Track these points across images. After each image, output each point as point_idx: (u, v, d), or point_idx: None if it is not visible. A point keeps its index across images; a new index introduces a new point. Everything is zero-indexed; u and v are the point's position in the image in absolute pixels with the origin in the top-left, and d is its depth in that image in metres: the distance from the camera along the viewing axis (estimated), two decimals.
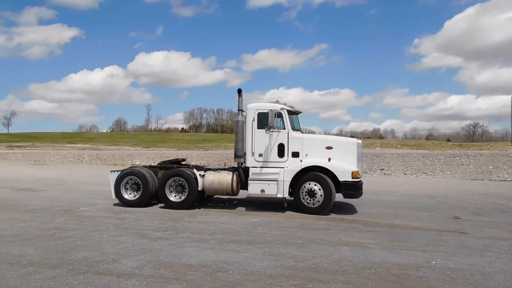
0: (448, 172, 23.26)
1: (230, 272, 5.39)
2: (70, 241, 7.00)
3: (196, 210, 10.49)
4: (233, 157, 11.39)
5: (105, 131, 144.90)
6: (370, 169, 24.91)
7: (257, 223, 8.86)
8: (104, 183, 15.40)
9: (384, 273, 5.48)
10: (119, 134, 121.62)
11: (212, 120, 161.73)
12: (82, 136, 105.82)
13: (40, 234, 7.48)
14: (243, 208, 10.92)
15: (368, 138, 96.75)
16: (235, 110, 11.53)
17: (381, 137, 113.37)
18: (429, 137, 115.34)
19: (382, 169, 24.92)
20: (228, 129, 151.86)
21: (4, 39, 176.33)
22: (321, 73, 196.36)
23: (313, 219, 9.41)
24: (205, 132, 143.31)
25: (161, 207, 10.76)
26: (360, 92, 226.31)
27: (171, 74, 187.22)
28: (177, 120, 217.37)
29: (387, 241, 7.29)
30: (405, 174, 23.55)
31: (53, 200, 12.05)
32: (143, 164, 25.66)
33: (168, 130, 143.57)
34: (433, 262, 5.99)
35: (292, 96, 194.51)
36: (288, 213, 10.18)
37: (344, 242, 7.16)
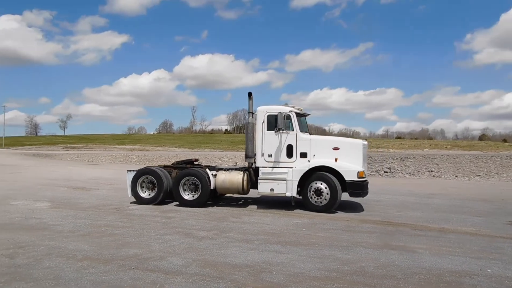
0: (505, 175, 21.91)
1: (274, 273, 5.39)
2: (120, 238, 7.31)
3: (240, 210, 10.59)
4: (244, 157, 11.79)
5: (152, 132, 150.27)
6: (418, 171, 24.00)
7: (301, 224, 8.81)
8: None
9: (434, 279, 5.25)
10: (166, 135, 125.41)
11: None
12: (131, 138, 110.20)
13: (93, 231, 7.87)
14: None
15: (415, 139, 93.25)
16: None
17: (430, 138, 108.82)
18: (483, 137, 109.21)
19: (431, 171, 23.91)
20: None
21: (61, 47, 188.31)
22: (366, 72, 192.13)
23: (358, 221, 9.21)
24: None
25: (206, 208, 10.97)
26: (408, 91, 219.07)
27: (215, 76, 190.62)
28: (221, 122, 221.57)
29: (438, 247, 6.98)
30: (456, 176, 22.46)
31: (105, 199, 12.65)
32: None
33: (212, 132, 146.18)
34: (489, 270, 5.66)
35: (336, 96, 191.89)
36: (332, 215, 10.03)
37: (391, 246, 6.95)
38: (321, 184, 10.37)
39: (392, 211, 10.87)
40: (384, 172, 24.98)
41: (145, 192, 11.76)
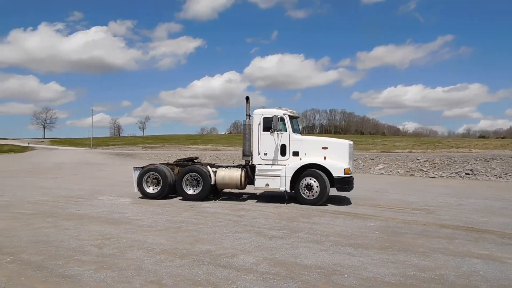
0: None
1: (345, 275, 5.27)
2: (194, 234, 7.63)
3: (311, 211, 10.51)
4: (241, 155, 12.76)
5: (223, 133, 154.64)
6: (506, 174, 21.92)
7: (373, 227, 8.50)
8: None
9: None
10: (236, 135, 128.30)
11: (325, 121, 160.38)
12: (203, 138, 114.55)
13: (170, 226, 8.31)
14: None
15: (502, 138, 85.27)
16: (349, 110, 11.87)
17: None
18: None
19: None
20: (341, 129, 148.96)
21: (141, 54, 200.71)
22: (445, 67, 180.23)
23: (436, 226, 8.66)
24: (317, 133, 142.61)
25: (276, 208, 11.05)
26: (493, 86, 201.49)
27: (284, 77, 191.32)
28: None
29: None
30: None
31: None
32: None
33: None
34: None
35: (412, 93, 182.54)
36: (406, 218, 9.55)
37: (474, 254, 6.43)
38: (312, 180, 11.35)
39: (475, 216, 10.06)
40: (466, 174, 23.20)
41: (150, 187, 12.59)
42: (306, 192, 11.43)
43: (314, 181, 11.32)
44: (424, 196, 14.21)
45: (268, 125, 11.85)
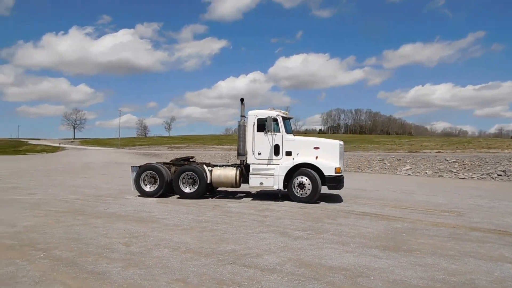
0: None
1: (371, 278, 5.19)
2: (219, 233, 7.69)
3: (336, 212, 10.40)
4: (236, 155, 13.25)
5: None
6: None
7: (400, 229, 8.33)
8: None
9: None
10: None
11: (350, 121, 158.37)
12: (228, 138, 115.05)
13: (195, 226, 8.41)
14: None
15: None
16: (375, 109, 11.66)
17: None
18: None
19: None
20: (367, 129, 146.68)
21: (167, 55, 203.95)
22: (476, 65, 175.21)
23: (466, 229, 8.42)
24: (343, 133, 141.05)
25: (301, 208, 11.00)
26: None
27: (309, 76, 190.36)
28: (315, 122, 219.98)
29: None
30: None
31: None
32: None
33: (306, 132, 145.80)
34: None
35: (440, 92, 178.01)
36: (435, 220, 9.32)
37: (508, 259, 6.21)
38: (304, 178, 11.77)
39: (509, 219, 9.71)
40: (498, 175, 22.41)
41: (147, 186, 12.93)
42: (299, 191, 11.86)
43: (306, 180, 11.74)
44: (453, 198, 13.83)
45: (262, 126, 12.29)
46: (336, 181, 11.71)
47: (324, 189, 11.97)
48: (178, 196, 12.69)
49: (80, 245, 6.66)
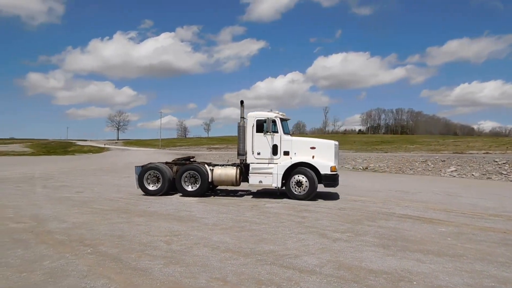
0: None
1: (414, 283, 5.03)
2: (258, 233, 7.73)
3: (376, 214, 10.17)
4: (236, 155, 13.75)
5: None
6: None
7: (445, 232, 8.01)
8: None
9: None
10: (299, 136, 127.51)
11: (391, 120, 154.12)
12: None
13: (234, 225, 8.49)
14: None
15: None
16: (417, 109, 11.24)
17: None
18: None
19: None
20: (409, 129, 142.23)
21: (206, 57, 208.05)
22: None
23: None
24: (383, 133, 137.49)
25: (340, 210, 10.84)
26: None
27: (349, 75, 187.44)
28: (354, 122, 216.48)
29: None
30: None
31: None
32: None
33: (345, 132, 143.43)
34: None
35: (489, 90, 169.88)
36: (483, 225, 8.88)
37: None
38: (301, 177, 12.29)
39: None
40: None
41: (151, 185, 13.33)
42: (297, 188, 12.41)
43: (304, 178, 12.29)
44: (503, 201, 13.14)
45: (261, 127, 12.85)
46: (332, 179, 12.29)
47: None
48: (181, 194, 13.15)
49: (123, 242, 6.92)
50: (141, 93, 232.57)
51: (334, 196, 13.44)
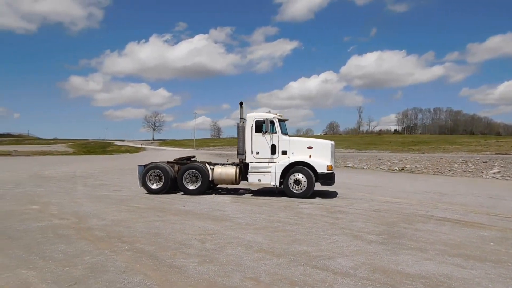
0: None
1: None
2: (291, 234, 7.69)
3: (413, 216, 9.87)
4: (236, 154, 14.13)
5: (319, 134, 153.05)
6: None
7: (487, 237, 7.66)
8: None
9: None
10: (332, 137, 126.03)
11: (428, 120, 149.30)
12: None
13: (267, 225, 8.50)
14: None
15: None
16: (456, 108, 10.87)
17: None
18: None
19: None
20: (447, 129, 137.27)
21: (239, 58, 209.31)
22: None
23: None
24: (420, 133, 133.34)
25: (375, 212, 10.62)
26: None
27: (384, 74, 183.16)
28: (389, 122, 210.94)
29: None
30: None
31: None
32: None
33: (380, 132, 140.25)
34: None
35: None
36: None
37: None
38: (300, 175, 12.70)
39: None
40: None
41: (153, 184, 13.70)
42: (295, 186, 12.82)
43: (302, 177, 12.69)
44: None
45: (260, 127, 13.29)
46: (328, 178, 12.72)
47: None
48: (183, 193, 13.48)
49: (159, 239, 7.08)
50: (175, 94, 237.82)
51: (368, 198, 13.19)
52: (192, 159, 15.04)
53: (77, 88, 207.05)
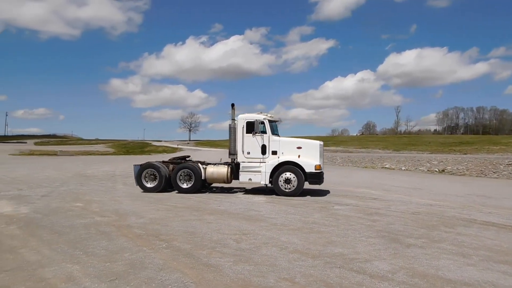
0: None
1: None
2: (326, 236, 7.62)
3: (454, 220, 9.50)
4: (228, 154, 14.40)
5: (355, 134, 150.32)
6: None
7: None
8: (357, 185, 16.04)
9: None
10: (369, 137, 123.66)
11: (470, 120, 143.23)
12: (334, 139, 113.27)
13: (302, 226, 8.46)
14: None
15: None
16: (501, 107, 10.26)
17: None
18: None
19: None
20: (492, 129, 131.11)
21: (274, 58, 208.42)
22: None
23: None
24: (462, 133, 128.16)
25: (414, 214, 10.31)
26: None
27: (424, 72, 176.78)
28: (428, 122, 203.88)
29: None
30: None
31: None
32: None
33: (418, 133, 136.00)
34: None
35: None
36: None
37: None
38: (290, 174, 13.07)
39: None
40: None
41: (148, 182, 14.15)
42: (285, 185, 13.15)
43: (292, 176, 13.04)
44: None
45: (251, 128, 13.61)
46: (316, 177, 13.12)
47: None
48: (177, 191, 13.86)
49: (196, 238, 7.21)
50: (211, 95, 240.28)
51: (407, 200, 12.83)
52: (187, 158, 15.39)
53: (117, 90, 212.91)
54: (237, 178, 13.92)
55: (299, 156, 13.29)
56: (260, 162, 13.55)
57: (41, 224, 8.41)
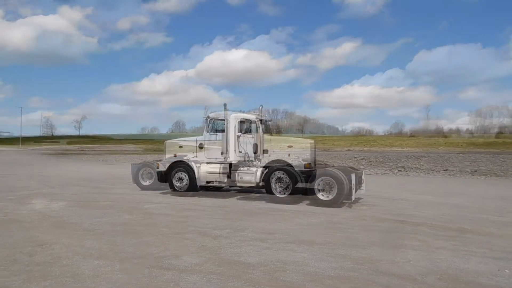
0: None
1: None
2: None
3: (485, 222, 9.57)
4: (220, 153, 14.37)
5: (382, 133, 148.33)
6: None
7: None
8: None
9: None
10: (397, 137, 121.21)
11: (505, 118, 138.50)
12: (359, 139, 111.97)
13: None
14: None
15: None
16: None
17: None
18: None
19: None
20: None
21: (300, 57, 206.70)
22: None
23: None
24: (496, 133, 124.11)
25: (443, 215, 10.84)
26: None
27: (456, 70, 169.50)
28: (461, 121, 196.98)
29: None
30: None
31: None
32: None
33: (450, 132, 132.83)
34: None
35: None
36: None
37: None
38: (281, 173, 13.12)
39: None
40: None
41: (146, 181, 15.51)
42: (278, 184, 13.29)
43: (284, 174, 13.18)
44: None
45: (243, 127, 14.06)
46: (307, 175, 13.18)
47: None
48: (172, 189, 14.55)
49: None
50: (237, 96, 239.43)
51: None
52: (184, 158, 15.90)
53: (145, 90, 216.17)
54: (229, 177, 14.15)
55: (289, 155, 13.59)
56: (252, 161, 13.95)
57: (70, 222, 8.89)
